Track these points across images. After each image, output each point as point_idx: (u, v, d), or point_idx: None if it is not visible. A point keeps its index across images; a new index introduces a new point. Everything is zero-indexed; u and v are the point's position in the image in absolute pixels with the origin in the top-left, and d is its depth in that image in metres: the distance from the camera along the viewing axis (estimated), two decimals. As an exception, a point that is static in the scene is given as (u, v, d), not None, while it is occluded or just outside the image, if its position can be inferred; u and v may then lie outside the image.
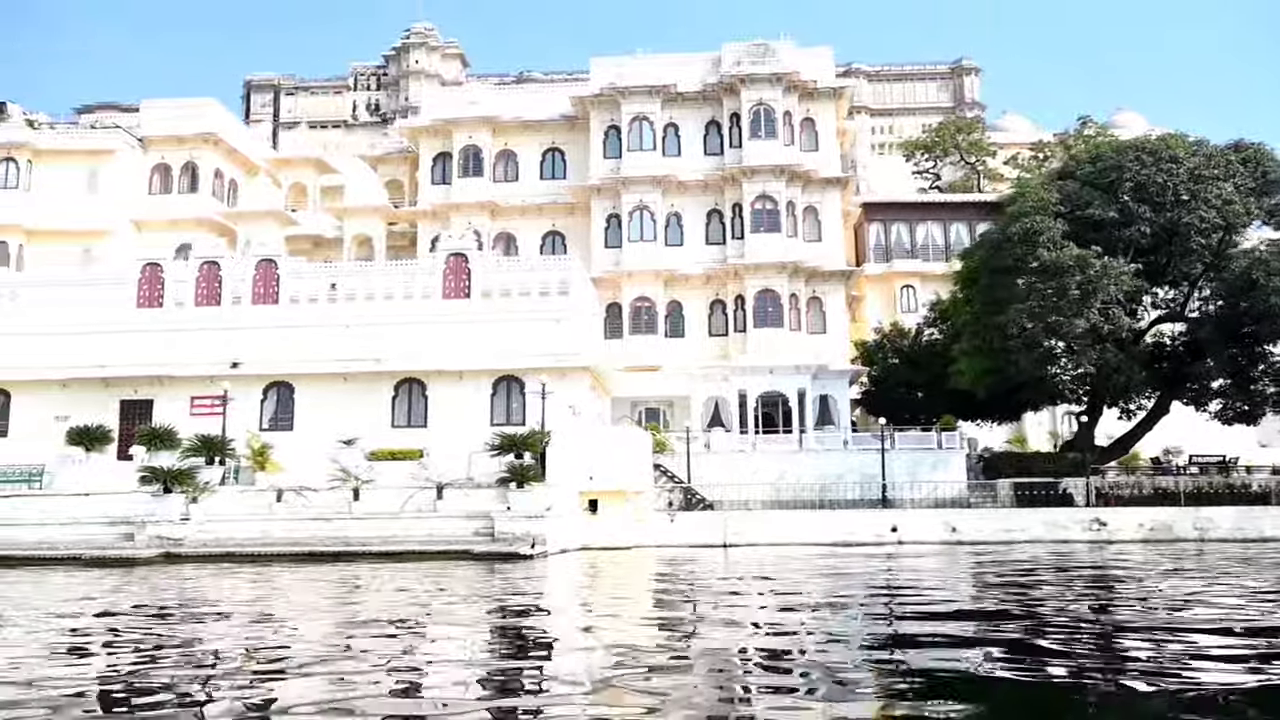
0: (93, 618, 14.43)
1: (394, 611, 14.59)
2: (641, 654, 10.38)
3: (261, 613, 14.96)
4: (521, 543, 24.93)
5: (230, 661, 10.40)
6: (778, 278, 39.98)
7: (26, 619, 14.41)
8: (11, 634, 12.79)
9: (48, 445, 34.21)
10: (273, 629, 13.04)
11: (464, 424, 33.60)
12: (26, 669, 9.97)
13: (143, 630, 12.87)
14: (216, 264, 36.10)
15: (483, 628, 13.08)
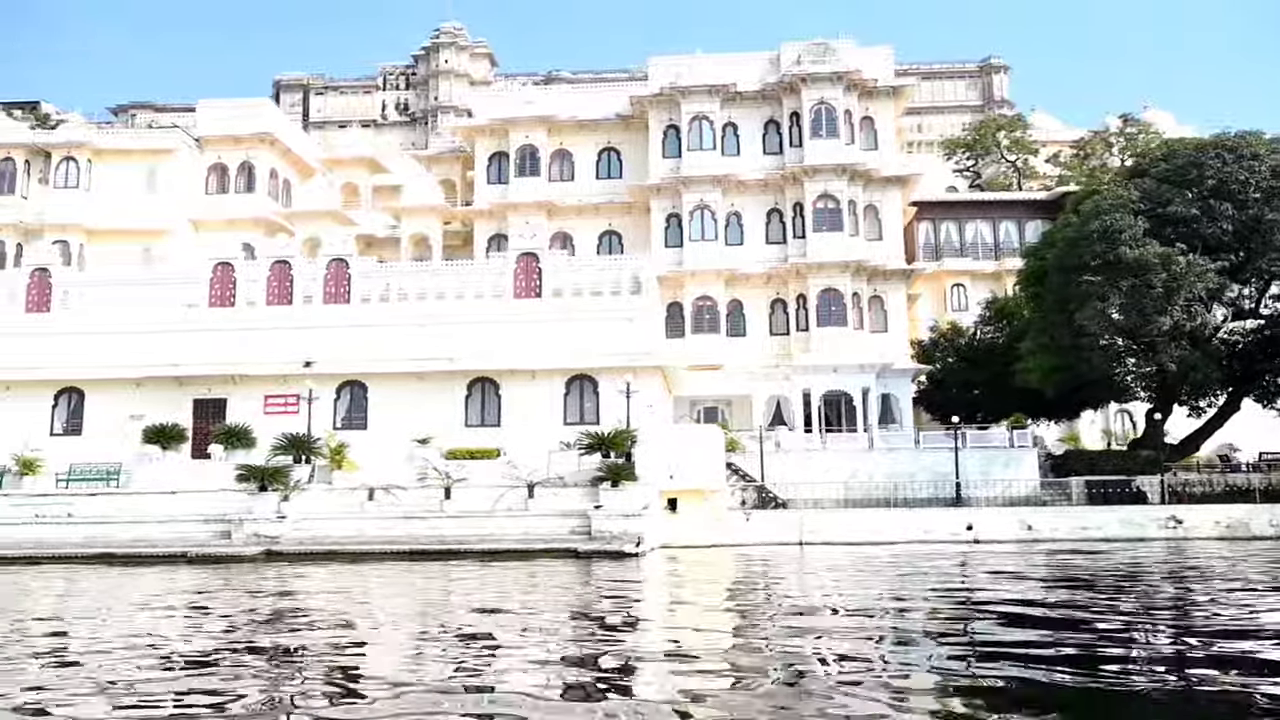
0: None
1: (558, 610, 14.71)
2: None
3: (424, 611, 15.09)
4: (619, 541, 25.01)
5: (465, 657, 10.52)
6: (841, 277, 40.02)
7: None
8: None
9: (122, 444, 34.44)
10: (463, 634, 13.16)
11: (537, 423, 33.70)
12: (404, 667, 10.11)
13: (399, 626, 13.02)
14: (288, 263, 36.25)
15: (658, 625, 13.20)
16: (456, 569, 21.94)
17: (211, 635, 12.47)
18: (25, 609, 16.16)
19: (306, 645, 11.52)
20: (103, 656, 10.75)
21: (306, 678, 9.52)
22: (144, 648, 11.33)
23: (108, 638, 12.43)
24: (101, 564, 24.27)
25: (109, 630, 13.25)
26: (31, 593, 18.82)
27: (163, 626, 13.31)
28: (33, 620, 14.54)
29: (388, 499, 28.00)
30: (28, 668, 10.29)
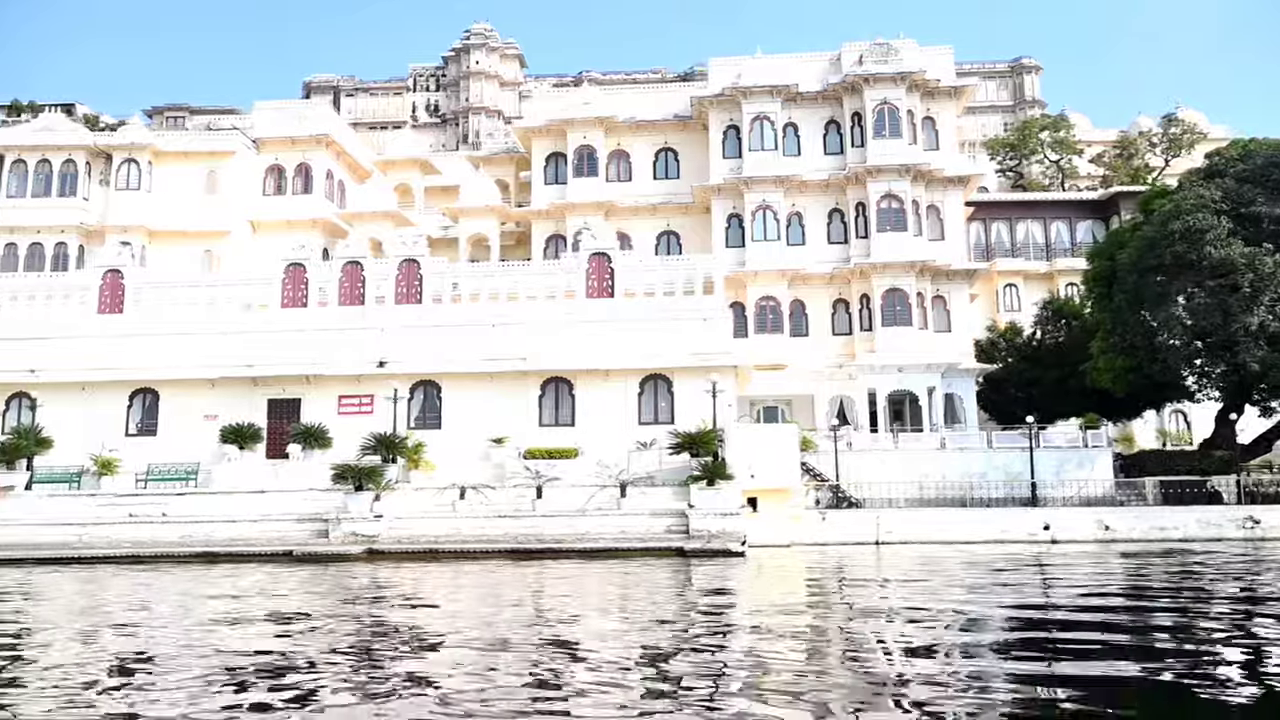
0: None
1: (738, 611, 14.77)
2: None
3: (604, 608, 15.15)
4: (719, 540, 25.11)
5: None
6: (905, 277, 40.02)
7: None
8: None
9: (197, 443, 34.67)
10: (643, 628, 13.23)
11: (611, 422, 33.79)
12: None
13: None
14: (359, 264, 36.38)
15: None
16: (567, 567, 22.03)
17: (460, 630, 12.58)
18: (236, 609, 16.29)
19: (518, 638, 11.62)
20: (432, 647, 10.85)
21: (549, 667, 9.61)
22: (411, 637, 11.44)
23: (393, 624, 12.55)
24: (204, 562, 24.43)
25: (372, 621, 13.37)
26: (192, 594, 18.94)
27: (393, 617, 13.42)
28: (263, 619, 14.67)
29: (478, 498, 28.12)
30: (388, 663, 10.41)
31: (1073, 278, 50.71)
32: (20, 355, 35.74)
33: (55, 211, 44.01)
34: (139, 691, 9.09)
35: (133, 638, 12.63)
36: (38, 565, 24.62)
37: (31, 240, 43.86)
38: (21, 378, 35.58)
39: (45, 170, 44.44)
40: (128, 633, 13.13)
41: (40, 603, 16.96)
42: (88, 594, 18.39)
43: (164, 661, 10.67)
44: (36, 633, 13.15)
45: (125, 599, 17.55)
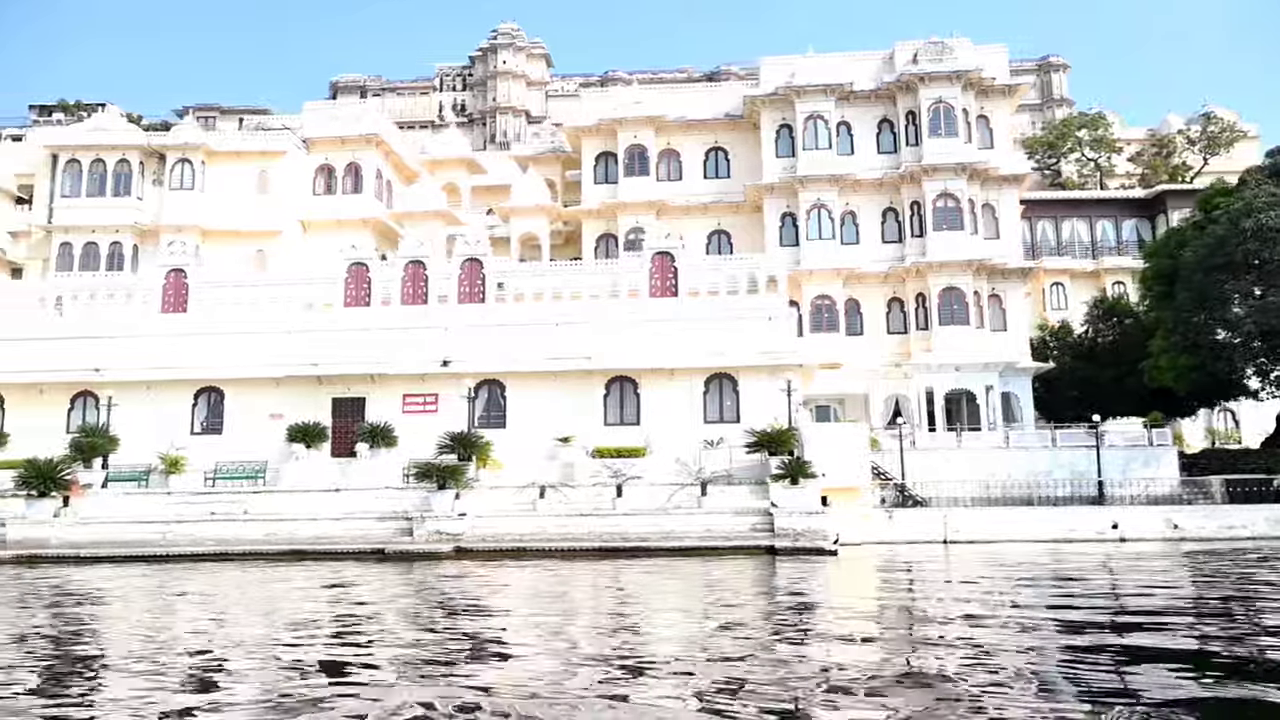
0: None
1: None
2: None
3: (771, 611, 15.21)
4: (807, 538, 25.17)
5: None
6: (962, 275, 40.02)
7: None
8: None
9: (262, 442, 34.78)
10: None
11: (676, 421, 33.84)
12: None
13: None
14: (422, 263, 36.50)
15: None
16: (663, 565, 22.08)
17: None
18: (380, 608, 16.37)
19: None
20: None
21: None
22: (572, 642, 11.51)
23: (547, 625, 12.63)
24: (294, 560, 24.52)
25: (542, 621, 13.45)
26: (310, 594, 19.04)
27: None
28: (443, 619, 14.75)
29: (557, 496, 28.19)
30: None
31: (1119, 276, 50.73)
32: (85, 354, 35.89)
33: (110, 211, 44.20)
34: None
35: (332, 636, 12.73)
36: (126, 562, 24.74)
37: (86, 240, 44.06)
38: (86, 377, 35.74)
39: (99, 170, 44.63)
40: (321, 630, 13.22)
41: (191, 601, 17.07)
42: (225, 591, 18.48)
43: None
44: (231, 627, 13.26)
45: (282, 596, 17.64)
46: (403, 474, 32.98)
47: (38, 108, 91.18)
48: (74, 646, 11.76)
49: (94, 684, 9.42)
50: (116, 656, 10.91)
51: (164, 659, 10.68)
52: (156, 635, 12.66)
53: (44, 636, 12.64)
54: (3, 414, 36.17)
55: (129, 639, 12.32)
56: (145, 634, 12.80)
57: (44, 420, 35.55)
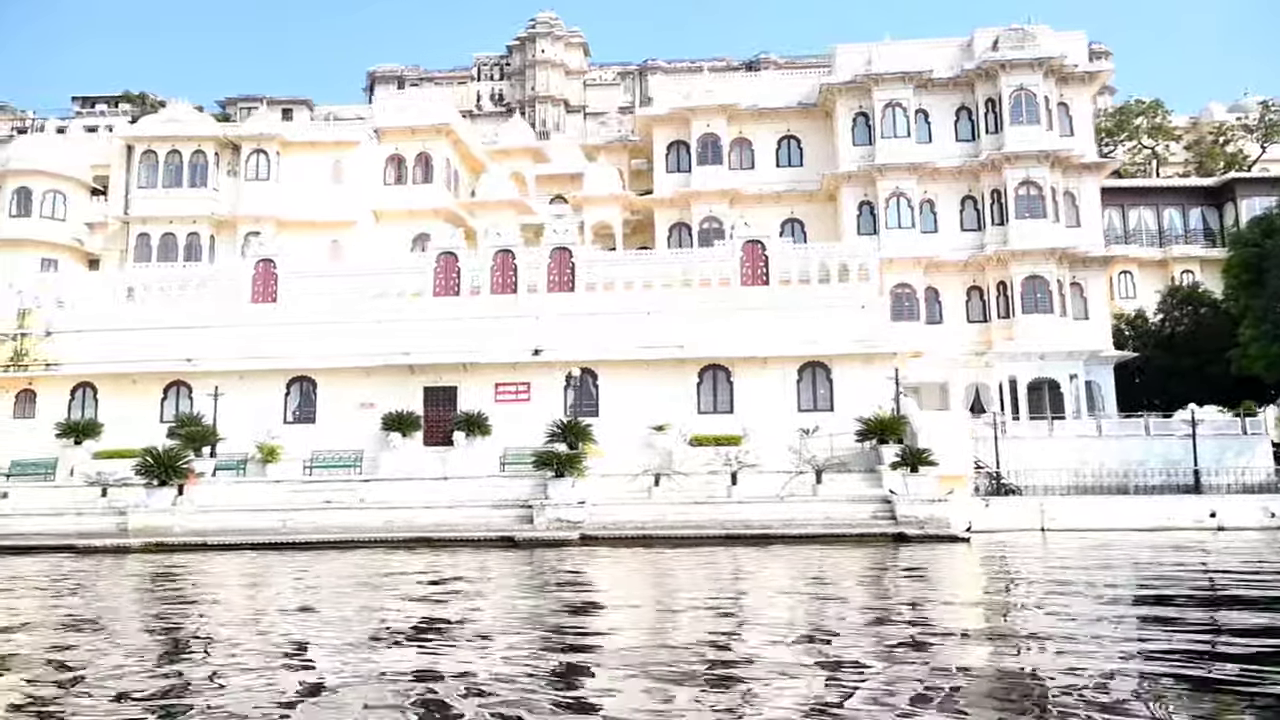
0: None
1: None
2: None
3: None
4: (930, 525, 25.21)
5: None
6: (1045, 264, 39.94)
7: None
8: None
9: (354, 430, 35.01)
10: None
11: (770, 409, 33.91)
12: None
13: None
14: (511, 253, 36.57)
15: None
16: (793, 552, 22.10)
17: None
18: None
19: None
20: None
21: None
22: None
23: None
24: (425, 547, 24.64)
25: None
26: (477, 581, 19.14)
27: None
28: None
29: (670, 484, 28.30)
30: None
31: (1187, 265, 50.46)
32: (176, 344, 36.16)
33: (187, 202, 44.40)
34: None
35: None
36: (253, 550, 24.89)
37: (164, 231, 44.27)
38: (179, 367, 36.03)
39: (175, 161, 44.81)
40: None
41: (385, 590, 17.21)
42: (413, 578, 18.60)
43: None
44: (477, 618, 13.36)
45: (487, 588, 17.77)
46: (500, 462, 33.24)
47: (80, 99, 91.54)
48: (294, 631, 11.89)
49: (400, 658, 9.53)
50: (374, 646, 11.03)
51: (440, 640, 10.80)
52: (386, 618, 12.76)
53: (264, 620, 12.78)
54: (96, 404, 36.45)
55: (346, 627, 12.44)
56: (368, 616, 12.91)
57: (137, 409, 35.86)
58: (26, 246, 43.03)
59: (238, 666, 9.46)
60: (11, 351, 36.94)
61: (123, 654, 10.21)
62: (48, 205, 43.68)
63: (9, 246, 42.91)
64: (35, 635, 11.99)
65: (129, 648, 10.73)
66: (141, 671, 9.26)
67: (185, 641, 11.27)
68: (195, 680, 8.87)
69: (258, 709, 7.57)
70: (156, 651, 10.54)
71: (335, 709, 7.64)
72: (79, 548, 25.28)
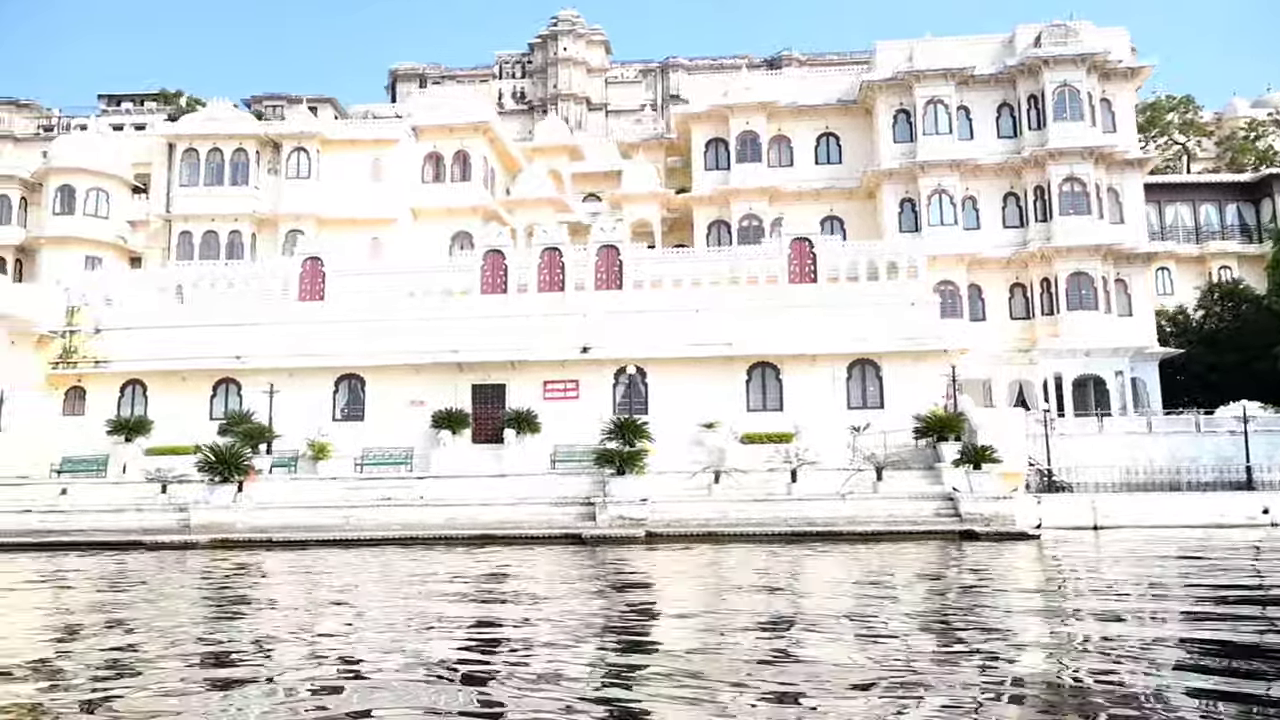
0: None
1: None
2: None
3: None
4: (995, 523, 25.19)
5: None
6: (1090, 260, 39.86)
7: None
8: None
9: (403, 428, 35.13)
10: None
11: (819, 406, 33.94)
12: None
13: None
14: (558, 250, 36.63)
15: None
16: (871, 551, 22.12)
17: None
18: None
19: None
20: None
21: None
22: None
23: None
24: (492, 544, 24.69)
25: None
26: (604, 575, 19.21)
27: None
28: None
29: (729, 481, 28.32)
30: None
31: (1225, 261, 50.28)
32: (225, 342, 36.31)
33: (228, 200, 44.54)
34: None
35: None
36: (319, 547, 24.99)
37: (206, 229, 44.43)
38: (229, 364, 36.17)
39: (216, 159, 44.95)
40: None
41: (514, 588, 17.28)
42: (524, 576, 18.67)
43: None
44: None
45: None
46: (551, 460, 33.31)
47: (106, 97, 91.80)
48: (406, 624, 11.97)
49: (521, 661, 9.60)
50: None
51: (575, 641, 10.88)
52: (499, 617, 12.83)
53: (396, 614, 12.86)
54: (146, 401, 36.63)
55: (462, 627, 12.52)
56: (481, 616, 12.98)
57: (186, 406, 36.04)
58: (71, 244, 43.21)
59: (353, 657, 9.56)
60: (61, 349, 37.13)
61: (265, 643, 10.30)
62: (91, 203, 43.84)
63: (54, 244, 43.10)
64: (188, 625, 12.10)
65: (274, 638, 10.82)
66: (300, 655, 9.35)
67: (314, 637, 11.36)
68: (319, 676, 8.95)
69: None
70: (298, 643, 10.64)
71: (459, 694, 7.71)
72: (146, 544, 25.44)
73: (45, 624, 13.10)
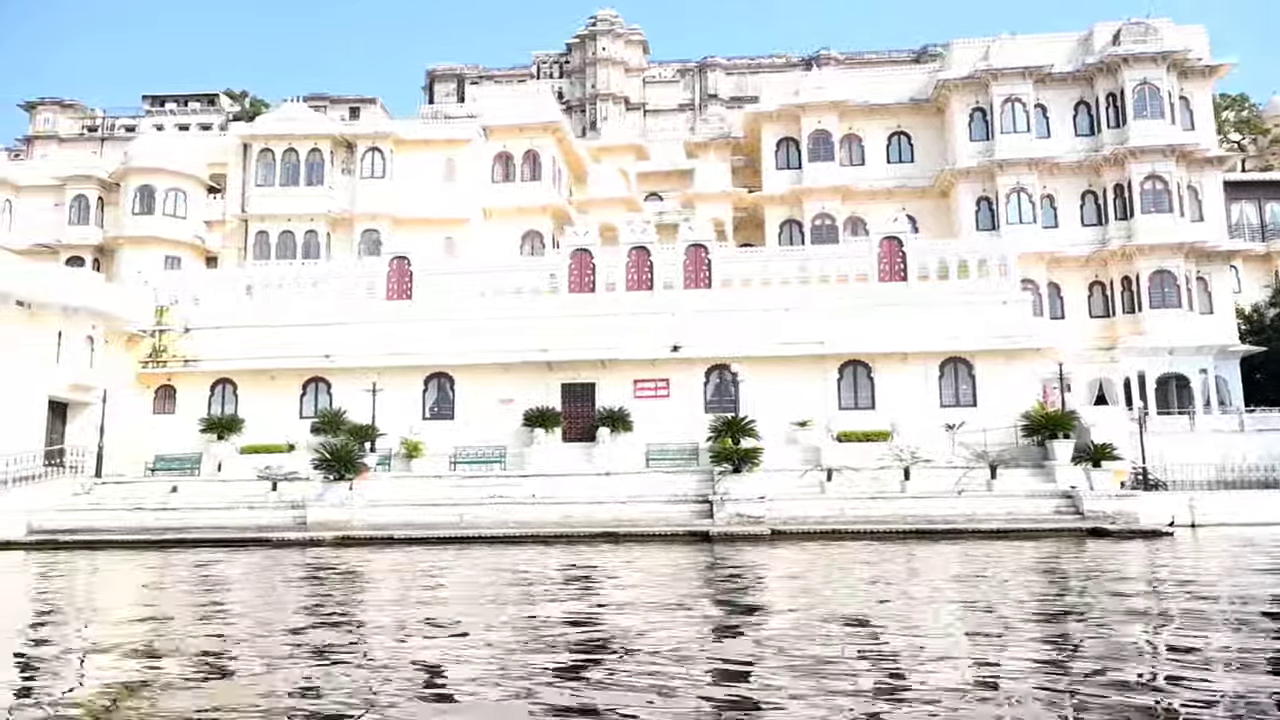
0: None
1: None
2: None
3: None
4: (1123, 520, 25.22)
5: None
6: (1173, 258, 39.80)
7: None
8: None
9: (493, 426, 35.29)
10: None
11: (911, 405, 33.96)
12: None
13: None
14: (646, 250, 36.75)
15: None
16: (1003, 548, 22.13)
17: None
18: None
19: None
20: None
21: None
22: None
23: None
24: (612, 542, 24.79)
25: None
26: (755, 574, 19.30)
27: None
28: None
29: (840, 479, 28.39)
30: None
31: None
32: (312, 341, 36.53)
33: (304, 200, 44.76)
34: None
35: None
36: (439, 544, 25.10)
37: (282, 228, 44.67)
38: (318, 363, 36.39)
39: (292, 159, 45.19)
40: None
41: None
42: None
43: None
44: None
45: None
46: (645, 458, 33.44)
47: (150, 98, 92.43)
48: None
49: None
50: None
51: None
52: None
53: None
54: (236, 400, 36.88)
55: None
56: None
57: (276, 405, 36.28)
58: (151, 244, 43.48)
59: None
60: (150, 348, 37.41)
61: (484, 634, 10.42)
62: (170, 203, 44.11)
63: (135, 244, 43.39)
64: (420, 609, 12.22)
65: (490, 632, 10.95)
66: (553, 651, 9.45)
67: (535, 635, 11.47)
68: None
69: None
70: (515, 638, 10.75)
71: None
72: (273, 541, 25.66)
73: (285, 622, 13.22)
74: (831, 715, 7.14)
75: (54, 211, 45.47)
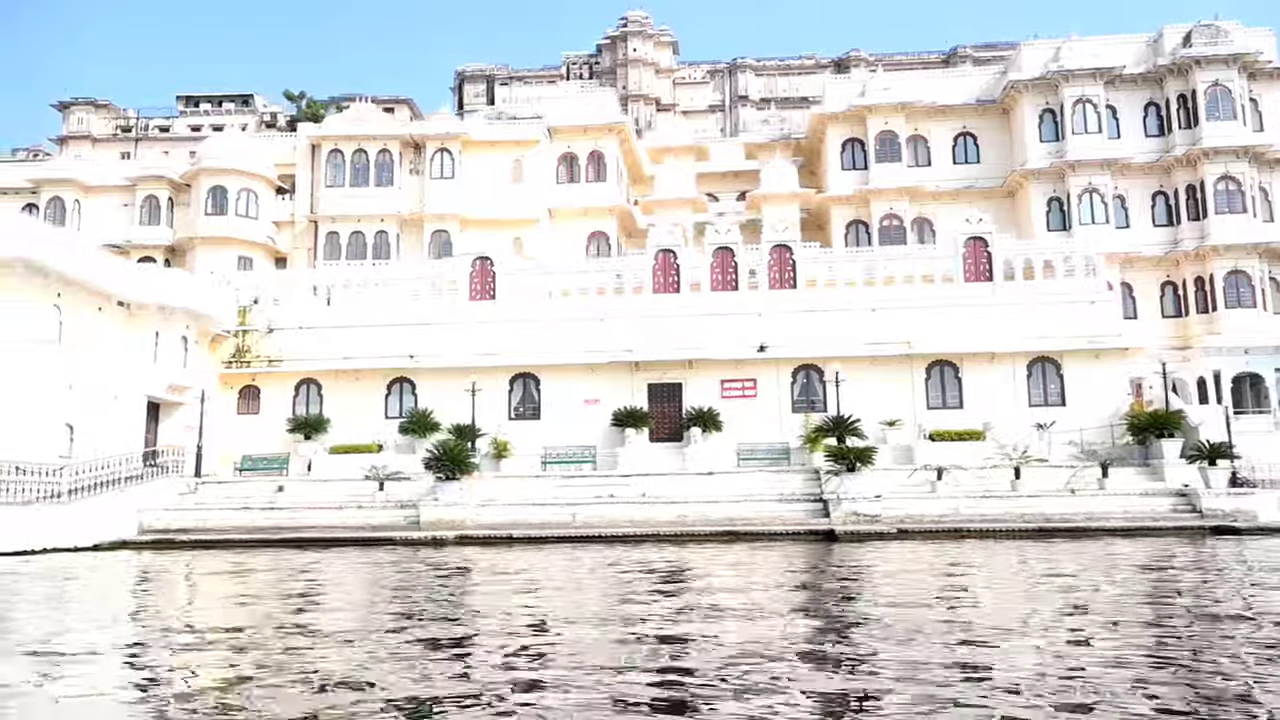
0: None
1: None
2: None
3: None
4: (1243, 518, 25.38)
5: None
6: (1248, 259, 40.01)
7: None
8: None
9: (579, 426, 35.44)
10: None
11: (999, 404, 34.18)
12: None
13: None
14: (730, 250, 36.93)
15: None
16: (1136, 547, 22.29)
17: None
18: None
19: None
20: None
21: None
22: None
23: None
24: (734, 540, 24.92)
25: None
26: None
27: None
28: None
29: (949, 478, 28.54)
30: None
31: (1349, 259, 50.32)
32: (396, 341, 36.71)
33: (373, 200, 44.90)
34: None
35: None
36: (555, 544, 25.22)
37: (352, 229, 44.81)
38: (403, 363, 36.55)
39: (361, 160, 45.32)
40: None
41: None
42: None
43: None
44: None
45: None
46: (736, 457, 33.59)
47: (184, 98, 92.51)
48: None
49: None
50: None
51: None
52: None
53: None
54: (321, 400, 37.02)
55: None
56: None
57: (361, 405, 36.47)
58: (224, 245, 43.59)
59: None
60: (234, 348, 37.56)
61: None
62: (241, 204, 44.23)
63: (208, 244, 43.51)
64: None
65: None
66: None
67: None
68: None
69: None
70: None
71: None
72: (397, 540, 25.80)
73: (508, 624, 13.35)
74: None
75: (123, 212, 45.58)
